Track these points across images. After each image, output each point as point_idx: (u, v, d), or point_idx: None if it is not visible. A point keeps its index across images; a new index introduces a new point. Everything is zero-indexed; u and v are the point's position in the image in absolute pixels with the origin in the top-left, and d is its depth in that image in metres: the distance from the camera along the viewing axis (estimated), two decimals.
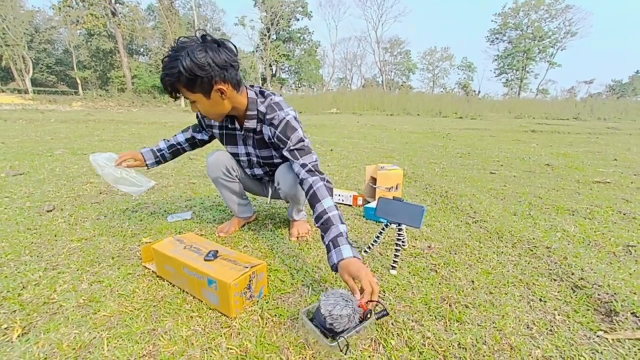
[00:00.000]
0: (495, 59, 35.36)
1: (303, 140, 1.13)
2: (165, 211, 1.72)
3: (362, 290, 0.83)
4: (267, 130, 1.18)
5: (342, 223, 0.97)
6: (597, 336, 0.83)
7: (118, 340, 0.80)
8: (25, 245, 1.29)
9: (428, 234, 1.48)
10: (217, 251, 1.00)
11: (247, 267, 0.92)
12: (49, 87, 29.20)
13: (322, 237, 0.98)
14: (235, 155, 1.36)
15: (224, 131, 1.29)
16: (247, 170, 1.41)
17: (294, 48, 34.35)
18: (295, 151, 1.11)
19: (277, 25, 30.85)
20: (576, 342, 0.81)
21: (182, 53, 0.96)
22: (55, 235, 1.39)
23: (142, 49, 32.09)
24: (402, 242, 1.17)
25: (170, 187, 2.19)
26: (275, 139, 1.15)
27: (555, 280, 1.09)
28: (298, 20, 33.17)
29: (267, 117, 1.14)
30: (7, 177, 2.32)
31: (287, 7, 31.25)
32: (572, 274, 1.10)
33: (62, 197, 1.91)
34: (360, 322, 0.80)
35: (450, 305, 0.94)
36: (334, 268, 0.90)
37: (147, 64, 29.62)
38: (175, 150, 1.44)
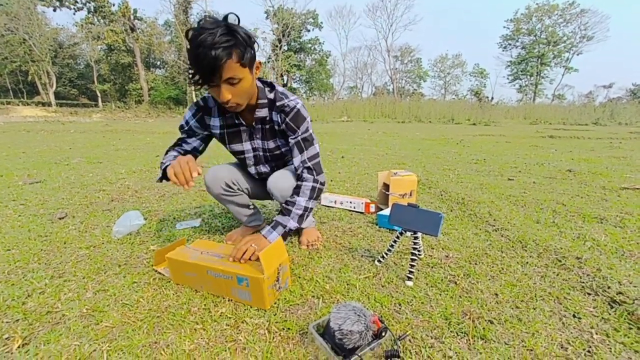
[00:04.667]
0: (509, 65, 34.86)
1: (309, 130, 1.18)
2: (174, 218, 1.70)
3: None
4: (276, 117, 1.16)
5: (296, 221, 1.12)
6: None
7: (118, 354, 0.76)
8: (34, 253, 1.28)
9: (445, 242, 1.40)
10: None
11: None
12: (71, 100, 30.50)
13: (277, 213, 1.14)
14: (239, 154, 1.27)
15: (225, 130, 1.20)
16: (252, 169, 1.33)
17: (305, 58, 34.85)
18: (301, 142, 1.16)
19: (288, 36, 31.45)
20: None
21: (231, 26, 0.90)
22: (65, 243, 1.38)
23: (158, 62, 33.23)
24: (418, 251, 1.10)
25: (180, 194, 2.18)
26: (285, 126, 1.16)
27: (589, 294, 0.99)
28: (309, 31, 33.74)
29: (277, 104, 1.13)
30: (24, 185, 2.37)
31: (298, 18, 31.88)
32: (608, 287, 1.00)
33: (75, 205, 1.92)
34: (374, 339, 0.74)
35: (473, 321, 0.87)
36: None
37: (163, 77, 30.62)
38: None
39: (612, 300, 0.95)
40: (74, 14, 26.65)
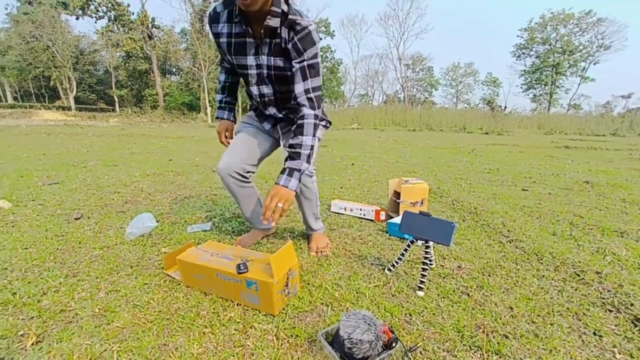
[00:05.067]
0: (522, 74, 34.37)
1: (317, 58, 1.10)
2: (185, 222, 1.72)
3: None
4: (285, 34, 1.08)
5: (307, 162, 1.10)
6: None
7: (128, 354, 0.76)
8: (50, 252, 1.31)
9: (457, 252, 1.37)
10: (246, 261, 0.98)
11: None
12: (90, 105, 31.53)
13: (285, 161, 1.11)
14: (243, 69, 1.20)
15: (233, 39, 1.14)
16: (255, 89, 1.24)
17: None
18: (306, 68, 1.09)
19: None
20: None
21: None
22: (80, 243, 1.42)
23: (174, 69, 34.12)
24: (430, 260, 1.08)
25: (192, 198, 2.21)
26: (291, 46, 1.08)
27: (610, 311, 0.95)
28: (321, 39, 34.16)
29: (290, 17, 1.05)
30: (43, 186, 2.44)
31: None
32: (632, 304, 0.96)
33: (90, 206, 1.97)
34: (384, 349, 0.72)
35: (487, 335, 0.84)
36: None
37: (178, 83, 31.41)
38: (231, 89, 1.41)
39: (635, 319, 0.91)
40: (95, 22, 27.69)
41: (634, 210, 2.03)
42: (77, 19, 26.59)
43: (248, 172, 1.33)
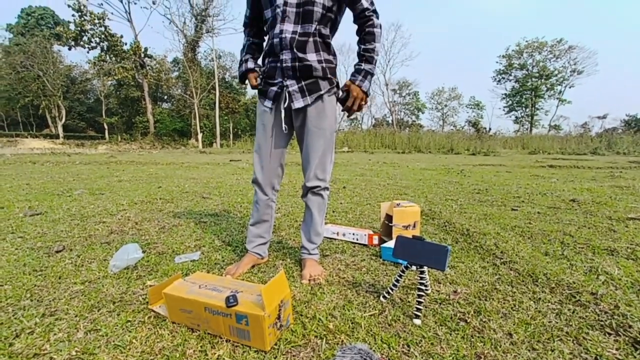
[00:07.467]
0: (504, 98, 35.98)
1: None
2: (173, 251, 1.67)
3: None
4: None
5: (370, 63, 1.22)
6: None
7: None
8: (27, 289, 1.24)
9: (452, 276, 1.35)
10: (235, 293, 0.94)
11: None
12: (79, 133, 31.32)
13: (360, 62, 1.24)
14: (270, 6, 1.22)
15: None
16: (277, 28, 1.21)
17: None
18: None
19: None
20: None
21: None
22: (60, 278, 1.34)
23: (165, 96, 34.53)
24: (425, 286, 1.06)
25: (181, 226, 2.15)
26: None
27: (609, 334, 0.94)
28: None
29: None
30: (24, 217, 2.35)
31: None
32: (630, 326, 0.94)
33: (73, 237, 1.89)
34: None
35: None
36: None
37: (170, 110, 31.67)
38: (253, 48, 1.41)
39: (635, 341, 0.89)
40: (88, 52, 28.03)
41: (621, 228, 2.06)
42: (69, 49, 26.90)
43: (275, 193, 1.44)
